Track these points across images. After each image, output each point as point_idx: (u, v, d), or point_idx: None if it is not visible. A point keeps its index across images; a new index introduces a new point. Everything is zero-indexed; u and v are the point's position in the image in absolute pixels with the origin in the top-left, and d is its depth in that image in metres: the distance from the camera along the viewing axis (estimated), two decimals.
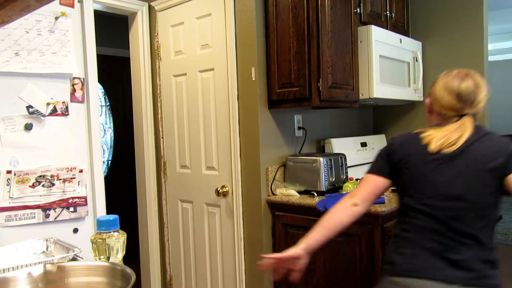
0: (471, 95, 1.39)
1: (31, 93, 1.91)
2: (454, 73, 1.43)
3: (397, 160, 1.44)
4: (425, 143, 1.39)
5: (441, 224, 1.34)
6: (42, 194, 1.92)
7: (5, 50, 1.83)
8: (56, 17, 1.96)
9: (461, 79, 1.40)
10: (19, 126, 1.88)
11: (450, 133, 1.37)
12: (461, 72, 1.43)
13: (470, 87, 1.38)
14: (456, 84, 1.40)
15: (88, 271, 0.97)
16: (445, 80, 1.44)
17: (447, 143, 1.35)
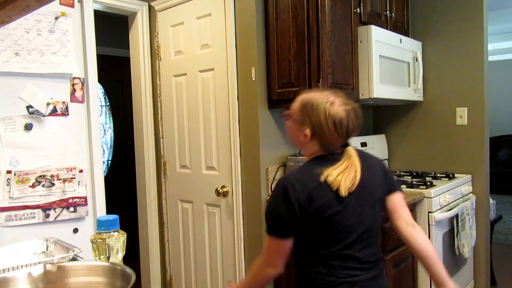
0: (356, 128, 1.36)
1: (31, 93, 1.91)
2: (337, 103, 1.32)
3: (311, 213, 1.27)
4: (334, 188, 1.27)
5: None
6: (42, 194, 1.92)
7: (5, 50, 1.83)
8: (56, 17, 1.96)
9: (347, 113, 1.32)
10: (19, 126, 1.88)
11: (348, 170, 1.30)
12: (344, 103, 1.33)
13: (354, 119, 1.34)
14: (343, 116, 1.31)
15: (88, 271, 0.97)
16: (329, 112, 1.31)
17: (351, 183, 1.29)
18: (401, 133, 3.18)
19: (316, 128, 1.33)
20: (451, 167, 2.92)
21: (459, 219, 2.46)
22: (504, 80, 7.59)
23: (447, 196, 2.43)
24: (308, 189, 1.26)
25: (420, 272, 2.33)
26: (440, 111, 2.99)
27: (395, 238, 2.09)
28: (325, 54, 2.20)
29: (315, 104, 1.33)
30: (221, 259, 2.56)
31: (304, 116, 1.34)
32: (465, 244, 2.52)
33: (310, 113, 1.33)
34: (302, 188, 1.26)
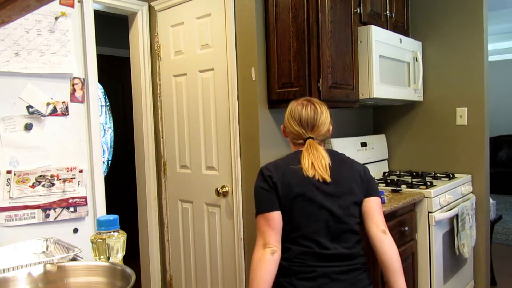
0: (311, 121, 1.56)
1: (31, 93, 1.91)
2: (299, 101, 1.61)
3: (281, 190, 1.48)
4: (300, 172, 1.49)
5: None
6: (42, 194, 1.92)
7: (5, 50, 1.83)
8: (56, 17, 1.96)
9: (303, 106, 1.57)
10: (19, 126, 1.88)
11: (310, 157, 1.50)
12: (304, 100, 1.61)
13: (309, 112, 1.56)
14: (299, 108, 1.58)
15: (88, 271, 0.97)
16: (291, 107, 1.61)
17: (314, 168, 1.49)
18: (401, 133, 3.18)
19: (285, 124, 1.64)
20: (451, 167, 2.92)
21: (459, 219, 2.46)
22: (504, 80, 7.59)
23: (447, 196, 2.43)
24: (280, 171, 1.51)
25: (420, 272, 2.33)
26: (440, 111, 2.99)
27: (395, 238, 2.09)
28: (325, 54, 2.20)
29: (288, 106, 1.65)
30: (221, 259, 2.56)
31: (284, 117, 1.65)
32: (465, 244, 2.52)
33: (285, 113, 1.65)
34: (275, 170, 1.51)
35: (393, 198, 2.15)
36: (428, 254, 2.30)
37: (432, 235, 2.29)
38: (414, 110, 3.10)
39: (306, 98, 1.64)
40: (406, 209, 2.21)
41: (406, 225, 2.18)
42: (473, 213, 2.72)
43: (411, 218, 2.26)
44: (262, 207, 1.47)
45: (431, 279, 2.32)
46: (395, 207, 2.03)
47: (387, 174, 3.00)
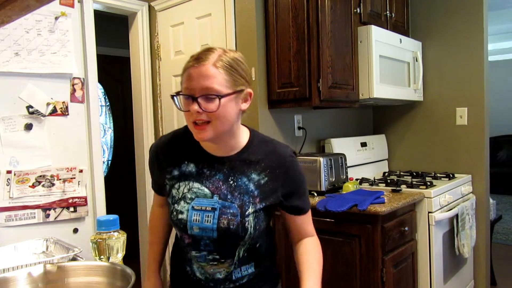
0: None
1: (31, 93, 1.91)
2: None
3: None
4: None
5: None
6: (42, 194, 1.92)
7: (5, 50, 1.83)
8: (56, 17, 1.96)
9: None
10: (19, 126, 1.88)
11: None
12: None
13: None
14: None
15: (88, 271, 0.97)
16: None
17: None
18: (401, 133, 3.18)
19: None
20: (451, 167, 2.92)
21: (459, 219, 2.46)
22: (504, 80, 7.59)
23: (447, 196, 2.43)
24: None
25: (420, 272, 2.33)
26: (440, 111, 2.99)
27: (395, 238, 2.09)
28: (325, 54, 2.20)
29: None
30: None
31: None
32: (465, 244, 2.52)
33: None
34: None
35: (393, 198, 2.15)
36: (428, 254, 2.30)
37: (432, 235, 2.29)
38: (414, 110, 3.09)
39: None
40: (406, 209, 2.21)
41: (406, 225, 2.18)
42: (473, 213, 2.72)
43: (411, 218, 2.26)
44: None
45: (431, 279, 2.31)
46: (395, 207, 2.03)
47: (387, 174, 3.00)
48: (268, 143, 1.20)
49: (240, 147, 1.16)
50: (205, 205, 1.12)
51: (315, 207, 2.09)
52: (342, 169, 2.45)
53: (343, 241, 2.05)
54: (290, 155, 1.17)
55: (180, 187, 1.16)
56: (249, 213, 1.11)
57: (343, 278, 2.06)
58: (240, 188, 1.13)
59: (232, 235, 1.11)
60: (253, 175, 1.14)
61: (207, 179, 1.14)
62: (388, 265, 2.02)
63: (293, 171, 1.17)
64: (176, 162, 1.18)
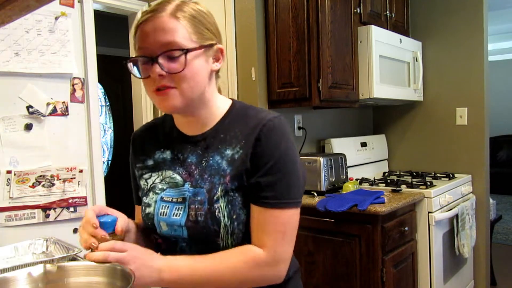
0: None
1: (31, 93, 1.91)
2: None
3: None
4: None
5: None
6: (42, 194, 1.92)
7: (5, 50, 1.83)
8: (56, 17, 1.96)
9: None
10: (19, 126, 1.88)
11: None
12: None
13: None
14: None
15: (88, 271, 0.97)
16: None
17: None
18: (401, 133, 3.18)
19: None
20: (451, 167, 2.92)
21: (459, 219, 2.46)
22: (504, 80, 7.59)
23: (447, 196, 2.43)
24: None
25: (420, 272, 2.33)
26: (440, 111, 2.99)
27: (395, 238, 2.09)
28: (325, 54, 2.20)
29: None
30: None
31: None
32: (465, 244, 2.52)
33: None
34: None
35: (393, 198, 2.15)
36: (428, 254, 2.30)
37: (432, 235, 2.29)
38: (414, 110, 3.09)
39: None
40: (406, 209, 2.21)
41: (406, 225, 2.18)
42: (473, 213, 2.72)
43: (411, 218, 2.26)
44: (301, 194, 0.90)
45: (431, 279, 2.31)
46: (395, 207, 2.03)
47: (387, 174, 3.00)
48: (250, 109, 0.93)
49: (216, 121, 0.93)
50: (176, 196, 0.91)
51: (315, 207, 2.09)
52: (342, 169, 2.45)
53: (343, 241, 2.05)
54: (269, 118, 0.87)
55: (151, 176, 0.97)
56: (218, 197, 0.85)
57: (343, 278, 2.06)
58: (211, 169, 0.89)
59: (203, 232, 0.86)
60: (227, 151, 0.89)
61: (181, 165, 0.93)
62: (388, 265, 2.02)
63: (266, 138, 0.85)
64: (151, 151, 1.00)
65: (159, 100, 0.86)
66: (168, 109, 0.88)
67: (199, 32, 0.86)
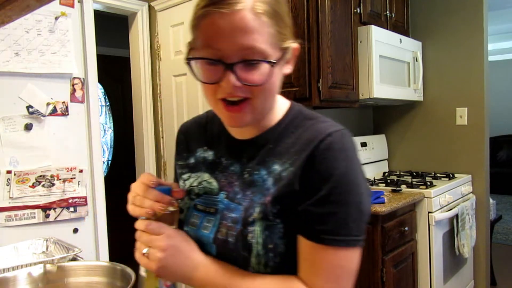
0: None
1: (31, 93, 1.91)
2: None
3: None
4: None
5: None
6: (42, 194, 1.92)
7: (5, 50, 1.83)
8: (56, 17, 1.96)
9: None
10: (19, 126, 1.88)
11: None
12: None
13: None
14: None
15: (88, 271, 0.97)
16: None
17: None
18: (401, 133, 3.18)
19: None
20: (451, 167, 2.92)
21: (459, 219, 2.46)
22: (504, 80, 7.59)
23: (447, 196, 2.44)
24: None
25: (420, 272, 2.33)
26: (440, 111, 2.99)
27: (395, 238, 2.09)
28: (325, 54, 2.20)
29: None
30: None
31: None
32: (465, 244, 2.52)
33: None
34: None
35: (393, 198, 2.15)
36: (428, 254, 2.30)
37: (432, 235, 2.29)
38: (414, 110, 3.09)
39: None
40: (406, 209, 2.21)
41: (406, 225, 2.18)
42: (473, 213, 2.72)
43: (411, 218, 2.26)
44: (363, 231, 0.71)
45: (431, 279, 2.31)
46: (395, 207, 2.03)
47: (387, 174, 3.00)
48: (308, 117, 0.77)
49: (269, 125, 0.78)
50: (209, 204, 0.79)
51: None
52: None
53: None
54: (329, 132, 0.70)
55: (190, 178, 0.85)
56: (254, 219, 0.71)
57: None
58: (255, 185, 0.74)
59: (233, 256, 0.73)
60: (274, 166, 0.74)
61: (221, 171, 0.81)
62: (388, 265, 2.02)
63: (322, 157, 0.69)
64: (195, 147, 0.88)
65: (228, 115, 0.71)
66: (236, 126, 0.75)
67: (279, 32, 0.69)
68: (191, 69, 0.71)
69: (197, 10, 0.68)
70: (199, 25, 0.68)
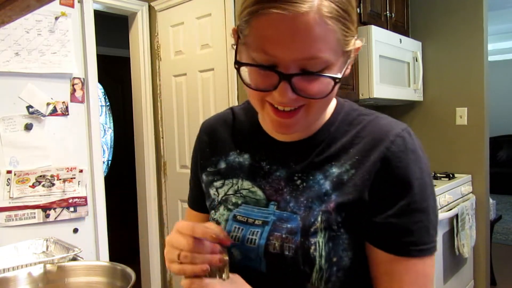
0: None
1: (31, 93, 1.91)
2: None
3: None
4: None
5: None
6: (42, 194, 1.92)
7: (5, 50, 1.83)
8: (56, 17, 1.96)
9: None
10: (19, 126, 1.88)
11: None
12: None
13: None
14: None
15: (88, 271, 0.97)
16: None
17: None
18: None
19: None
20: (451, 167, 2.92)
21: (459, 219, 2.46)
22: (504, 80, 7.60)
23: (447, 196, 2.43)
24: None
25: None
26: (440, 111, 2.99)
27: None
28: None
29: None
30: None
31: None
32: (465, 244, 2.52)
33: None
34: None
35: None
36: None
37: None
38: (414, 110, 3.09)
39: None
40: None
41: None
42: (473, 213, 2.72)
43: None
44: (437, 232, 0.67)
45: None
46: None
47: None
48: (366, 115, 0.70)
49: (318, 126, 0.69)
50: (254, 216, 0.69)
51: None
52: None
53: None
54: (397, 132, 0.66)
55: (223, 185, 0.75)
56: (317, 229, 0.63)
57: None
58: (310, 191, 0.66)
59: (288, 272, 0.64)
60: (332, 169, 0.66)
61: (263, 177, 0.71)
62: None
63: (399, 161, 0.63)
64: (225, 150, 0.77)
65: (276, 121, 0.62)
66: (286, 133, 0.66)
67: (345, 35, 0.59)
68: (238, 71, 0.61)
69: (252, 6, 0.56)
70: (252, 22, 0.57)
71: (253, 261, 0.67)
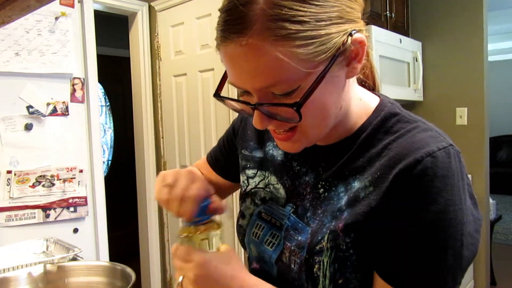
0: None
1: (31, 93, 1.91)
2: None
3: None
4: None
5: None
6: (42, 194, 1.92)
7: (5, 50, 1.83)
8: (56, 17, 1.96)
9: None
10: (19, 126, 1.88)
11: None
12: None
13: None
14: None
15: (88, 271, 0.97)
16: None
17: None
18: None
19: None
20: None
21: None
22: (504, 80, 7.60)
23: None
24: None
25: None
26: (440, 111, 2.99)
27: None
28: None
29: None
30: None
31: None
32: None
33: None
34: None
35: None
36: None
37: None
38: (414, 110, 3.09)
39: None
40: None
41: None
42: None
43: None
44: (460, 280, 0.57)
45: None
46: None
47: None
48: (406, 122, 0.61)
49: (351, 130, 0.63)
50: (275, 215, 0.67)
51: None
52: None
53: None
54: (429, 151, 0.54)
55: (255, 176, 0.72)
56: (322, 248, 0.59)
57: None
58: (329, 203, 0.62)
59: (294, 283, 0.62)
60: (355, 182, 0.60)
61: (291, 177, 0.68)
62: None
63: (417, 184, 0.53)
64: (263, 139, 0.75)
65: (279, 143, 0.62)
66: (291, 152, 0.64)
67: (313, 47, 0.50)
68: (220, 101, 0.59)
69: (216, 28, 0.54)
70: (219, 52, 0.54)
71: (266, 263, 0.66)
